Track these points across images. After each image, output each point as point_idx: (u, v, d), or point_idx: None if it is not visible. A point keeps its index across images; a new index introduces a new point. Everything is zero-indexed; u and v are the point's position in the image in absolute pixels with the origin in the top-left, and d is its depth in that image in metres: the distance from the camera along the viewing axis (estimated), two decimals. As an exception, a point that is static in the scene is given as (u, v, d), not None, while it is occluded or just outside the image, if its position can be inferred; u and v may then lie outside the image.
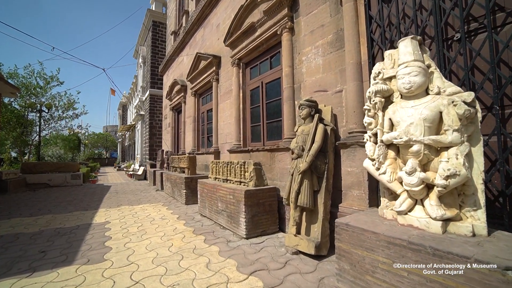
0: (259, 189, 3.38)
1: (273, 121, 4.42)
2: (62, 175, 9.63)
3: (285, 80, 3.89)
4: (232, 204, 3.48)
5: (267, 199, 3.45)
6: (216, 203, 3.94)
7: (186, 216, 4.41)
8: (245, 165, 3.65)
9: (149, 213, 4.65)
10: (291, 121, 3.77)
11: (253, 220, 3.28)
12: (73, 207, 5.36)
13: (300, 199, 2.69)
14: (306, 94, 3.60)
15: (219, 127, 6.11)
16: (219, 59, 6.21)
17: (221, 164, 4.29)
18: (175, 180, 6.15)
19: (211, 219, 4.09)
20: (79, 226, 3.80)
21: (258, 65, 4.92)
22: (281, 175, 3.81)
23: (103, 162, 32.45)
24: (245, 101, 5.20)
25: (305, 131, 2.97)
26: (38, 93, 11.49)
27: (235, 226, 3.39)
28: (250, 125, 5.07)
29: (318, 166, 2.82)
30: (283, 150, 3.78)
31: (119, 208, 5.23)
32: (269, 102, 4.55)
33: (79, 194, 7.33)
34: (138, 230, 3.60)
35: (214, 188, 4.02)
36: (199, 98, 7.68)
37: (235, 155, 5.11)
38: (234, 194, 3.43)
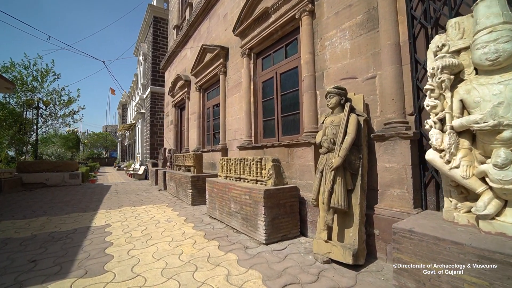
0: (279, 189, 3.01)
1: (289, 114, 4.05)
2: (60, 175, 9.24)
3: (304, 68, 3.52)
4: (248, 205, 3.11)
5: (288, 199, 3.08)
6: (228, 204, 3.57)
7: (194, 218, 4.03)
8: (261, 161, 3.28)
9: (153, 215, 4.28)
10: (312, 113, 3.40)
11: (273, 224, 2.90)
12: (70, 208, 4.98)
13: (333, 200, 2.32)
14: (331, 83, 3.23)
15: (227, 122, 5.74)
16: (226, 50, 5.84)
17: (232, 162, 3.91)
18: (180, 180, 5.77)
19: (222, 221, 3.72)
20: (76, 230, 3.41)
21: (271, 55, 4.55)
22: (301, 172, 3.44)
23: (103, 162, 32.01)
24: (256, 94, 4.83)
25: (335, 122, 2.60)
26: (35, 89, 11.07)
27: (252, 230, 3.02)
28: (262, 120, 4.69)
29: (352, 162, 2.45)
30: (303, 145, 3.41)
31: (120, 209, 4.85)
32: (284, 94, 4.18)
33: (77, 194, 6.95)
34: (143, 234, 3.22)
35: (225, 187, 3.64)
36: (204, 93, 7.30)
37: (245, 152, 4.74)
38: (251, 194, 3.05)
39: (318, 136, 2.79)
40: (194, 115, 7.70)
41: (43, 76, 11.58)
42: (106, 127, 49.29)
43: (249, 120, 4.80)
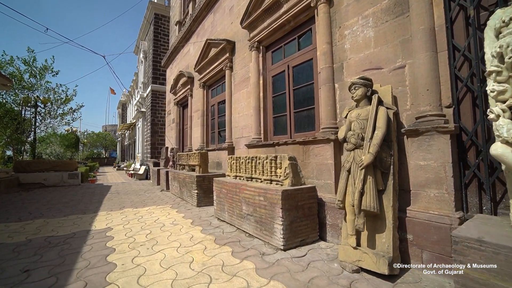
0: (297, 189, 2.75)
1: (302, 109, 3.80)
2: (58, 174, 8.96)
3: (321, 60, 3.27)
4: (262, 207, 2.86)
5: (306, 201, 2.82)
6: (239, 206, 3.31)
7: (201, 221, 3.77)
8: (276, 160, 3.03)
9: (157, 217, 4.02)
10: (330, 107, 3.15)
11: (291, 227, 2.65)
12: (69, 210, 4.71)
13: (364, 202, 2.07)
14: (352, 75, 2.98)
15: (233, 120, 5.48)
16: (233, 44, 5.58)
17: (242, 160, 3.66)
18: (184, 179, 5.51)
19: (233, 224, 3.47)
20: (75, 234, 3.15)
21: (282, 47, 4.30)
22: (319, 172, 3.19)
23: (102, 162, 31.71)
24: (265, 89, 4.58)
25: (362, 115, 2.35)
26: (32, 86, 10.77)
27: (268, 235, 2.77)
28: (272, 116, 4.44)
29: (383, 159, 2.19)
30: (321, 142, 3.16)
31: (122, 211, 4.59)
32: (297, 88, 3.92)
33: (76, 195, 6.68)
34: (147, 239, 2.96)
35: (236, 188, 3.39)
36: (208, 90, 7.04)
37: (254, 150, 4.49)
38: (266, 195, 2.80)
39: (341, 131, 2.55)
40: (197, 113, 7.45)
41: (41, 72, 11.28)
42: (105, 126, 48.95)
43: (258, 117, 4.55)
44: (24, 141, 10.76)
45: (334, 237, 2.86)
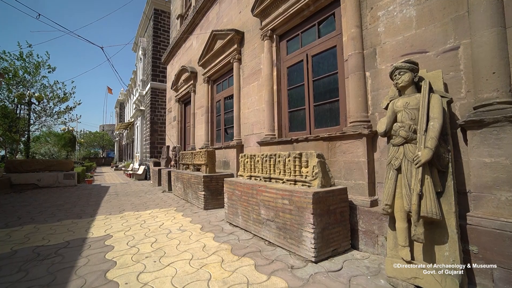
0: (329, 191, 2.38)
1: (324, 102, 3.43)
2: (53, 175, 8.50)
3: (350, 46, 2.90)
4: (287, 212, 2.48)
5: (338, 204, 2.45)
6: (256, 210, 2.93)
7: (211, 226, 3.38)
8: (301, 157, 2.65)
9: (162, 222, 3.62)
10: (361, 98, 2.78)
11: (323, 235, 2.27)
12: (63, 213, 4.29)
13: (424, 207, 1.69)
14: (387, 61, 2.62)
15: (242, 115, 5.10)
16: (241, 35, 5.20)
17: (258, 159, 3.28)
18: (189, 180, 5.12)
19: (248, 230, 3.08)
20: (69, 243, 2.74)
21: (299, 35, 3.92)
22: (348, 171, 2.81)
23: (100, 162, 31.11)
24: (280, 82, 4.21)
25: (411, 104, 1.98)
26: (27, 83, 10.27)
27: (294, 244, 2.38)
28: (287, 110, 4.06)
29: (441, 155, 1.83)
30: (350, 137, 2.79)
31: (122, 214, 4.18)
32: (317, 79, 3.55)
33: (72, 197, 6.24)
34: (153, 249, 2.56)
35: (252, 189, 3.00)
36: (213, 85, 6.65)
37: (268, 148, 4.11)
38: (292, 199, 2.42)
39: (381, 124, 2.18)
40: (201, 110, 7.05)
41: (36, 68, 10.76)
42: (103, 126, 48.23)
43: (272, 112, 4.17)
44: (17, 140, 10.25)
45: (368, 245, 2.49)
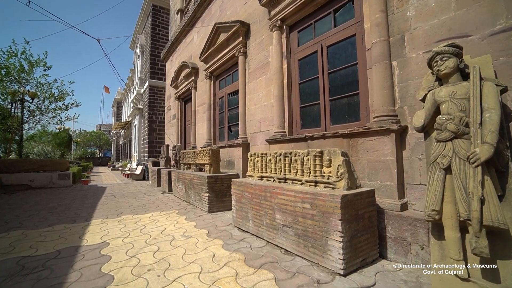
0: (357, 194, 2.10)
1: (341, 96, 3.15)
2: (47, 175, 8.13)
3: (374, 33, 2.63)
4: (308, 217, 2.19)
5: (366, 208, 2.17)
6: (270, 214, 2.64)
7: (218, 232, 3.08)
8: (323, 156, 2.36)
9: (164, 227, 3.31)
10: (388, 90, 2.51)
11: (352, 244, 1.99)
12: (56, 217, 3.96)
13: (488, 214, 1.42)
14: (418, 48, 2.35)
15: (248, 112, 4.81)
16: (247, 26, 4.91)
17: (270, 157, 2.99)
18: (191, 180, 4.81)
19: (260, 237, 2.79)
20: (60, 253, 2.42)
21: (312, 25, 3.64)
22: (372, 171, 2.54)
23: (96, 162, 30.58)
24: (290, 75, 3.92)
25: (458, 94, 1.71)
26: (21, 80, 9.84)
27: (317, 253, 2.10)
28: (299, 106, 3.78)
29: (500, 153, 1.55)
30: (375, 133, 2.51)
31: (120, 218, 3.86)
32: (333, 71, 3.28)
33: (66, 198, 5.90)
34: (156, 259, 2.26)
35: (266, 191, 2.71)
36: (216, 81, 6.35)
37: (278, 146, 3.82)
38: (315, 202, 2.13)
39: (418, 118, 1.91)
40: (202, 107, 6.74)
41: (32, 65, 10.30)
42: (100, 126, 47.60)
43: (282, 107, 3.89)
44: (9, 139, 9.84)
45: (399, 254, 2.22)
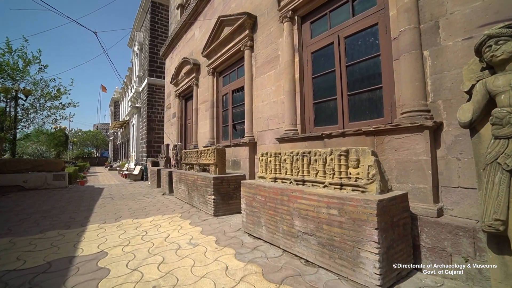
0: (391, 199, 1.84)
1: (361, 91, 2.90)
2: (41, 175, 7.79)
3: (402, 20, 2.38)
4: (336, 224, 1.93)
5: (400, 214, 1.92)
6: (288, 220, 2.37)
7: (227, 238, 2.81)
8: (349, 155, 2.11)
9: (167, 233, 3.03)
10: (419, 83, 2.26)
11: (388, 256, 1.74)
12: (49, 222, 3.66)
13: None
14: (456, 35, 2.10)
15: (255, 109, 4.54)
16: (254, 19, 4.65)
17: (285, 157, 2.72)
18: (195, 182, 4.53)
19: (276, 245, 2.53)
20: (50, 266, 2.13)
21: (326, 15, 3.39)
22: (402, 172, 2.29)
23: (93, 162, 30.12)
24: (302, 69, 3.66)
25: (519, 82, 1.46)
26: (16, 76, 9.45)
27: (347, 266, 1.84)
28: (312, 102, 3.53)
29: None
30: (405, 130, 2.26)
31: (119, 223, 3.57)
32: (351, 64, 3.02)
33: (61, 200, 5.58)
34: (161, 273, 1.99)
35: (282, 194, 2.45)
36: (219, 77, 6.07)
37: (290, 145, 3.56)
38: (344, 208, 1.87)
39: (464, 111, 1.67)
40: (205, 105, 6.47)
41: (26, 63, 9.90)
42: (97, 125, 47.00)
43: (293, 104, 3.63)
44: (2, 138, 9.46)
45: (438, 265, 1.97)
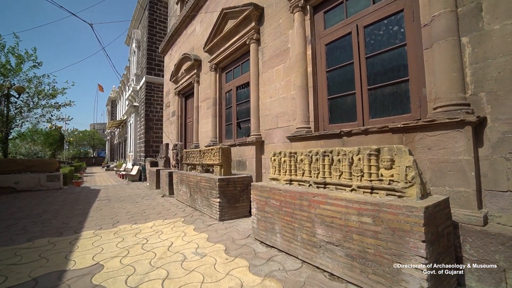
0: (436, 205, 1.58)
1: (384, 84, 2.65)
2: (34, 176, 7.45)
3: (436, 3, 2.13)
4: (369, 234, 1.67)
5: (444, 223, 1.67)
6: (308, 227, 2.11)
7: (237, 247, 2.54)
8: (379, 154, 1.85)
9: (170, 241, 2.75)
10: (457, 73, 2.01)
11: (436, 271, 1.48)
12: (39, 228, 3.35)
13: None
14: (504, 17, 1.85)
15: (262, 106, 4.27)
16: (260, 10, 4.38)
17: (302, 157, 2.46)
18: (198, 184, 4.25)
19: (293, 255, 2.26)
20: (36, 283, 1.83)
21: (342, 3, 3.13)
22: (438, 174, 2.03)
23: (90, 162, 29.61)
24: (315, 62, 3.40)
25: None
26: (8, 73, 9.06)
27: (385, 283, 1.58)
28: (327, 97, 3.27)
29: None
30: (441, 127, 2.01)
31: (116, 229, 3.28)
32: (372, 55, 2.77)
33: (54, 203, 5.27)
34: (167, 291, 1.71)
35: (302, 199, 2.18)
36: (222, 73, 5.79)
37: (303, 144, 3.30)
38: (380, 215, 1.61)
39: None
40: (206, 102, 6.18)
41: (20, 61, 9.49)
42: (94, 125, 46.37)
43: (306, 99, 3.37)
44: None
45: (485, 282, 1.72)
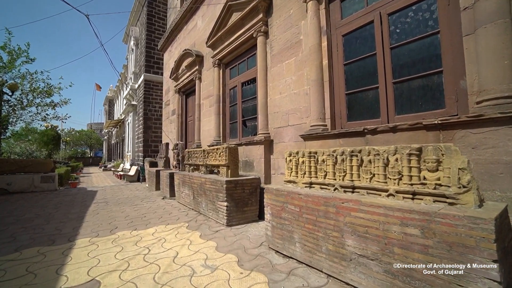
0: (501, 215, 1.33)
1: (412, 77, 2.39)
2: (28, 177, 7.12)
3: (478, -18, 1.87)
4: (416, 249, 1.41)
5: (508, 236, 1.41)
6: (336, 237, 1.85)
7: (251, 258, 2.27)
8: (422, 154, 1.59)
9: (175, 251, 2.47)
10: (509, 61, 1.76)
11: (503, 301, 1.22)
12: (29, 235, 3.05)
13: None
14: None
15: (270, 103, 4.01)
16: (269, 1, 4.11)
17: (325, 157, 2.19)
18: (202, 186, 3.97)
19: (317, 267, 1.99)
20: (21, 308, 1.57)
21: (363, -11, 2.88)
22: (484, 177, 1.78)
23: (87, 162, 29.16)
24: (331, 55, 3.14)
25: None
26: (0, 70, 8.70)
27: (438, 311, 1.32)
28: (344, 92, 3.01)
29: None
30: (490, 123, 1.76)
31: (115, 236, 3.00)
32: (398, 45, 2.51)
33: (48, 206, 4.96)
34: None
35: (327, 205, 1.92)
36: (226, 69, 5.52)
37: (319, 143, 3.03)
38: (431, 226, 1.35)
39: None
40: (209, 100, 5.91)
41: (12, 57, 9.13)
42: (91, 124, 45.80)
43: (321, 95, 3.10)
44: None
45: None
